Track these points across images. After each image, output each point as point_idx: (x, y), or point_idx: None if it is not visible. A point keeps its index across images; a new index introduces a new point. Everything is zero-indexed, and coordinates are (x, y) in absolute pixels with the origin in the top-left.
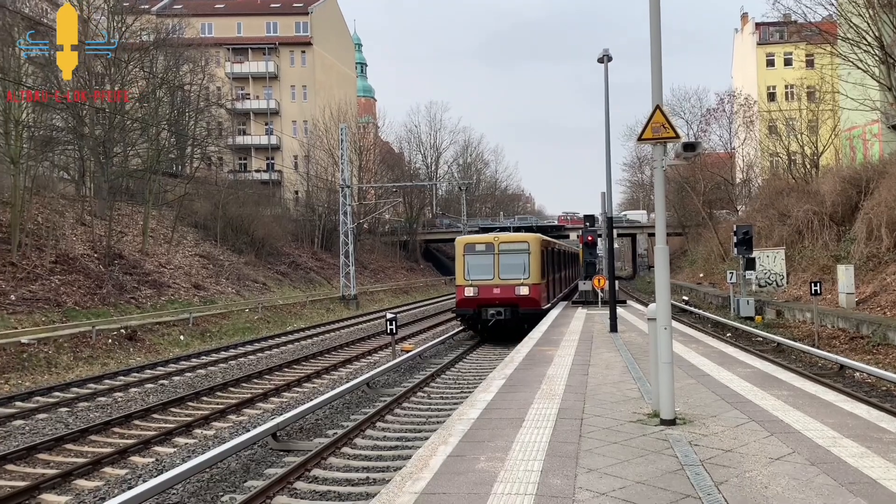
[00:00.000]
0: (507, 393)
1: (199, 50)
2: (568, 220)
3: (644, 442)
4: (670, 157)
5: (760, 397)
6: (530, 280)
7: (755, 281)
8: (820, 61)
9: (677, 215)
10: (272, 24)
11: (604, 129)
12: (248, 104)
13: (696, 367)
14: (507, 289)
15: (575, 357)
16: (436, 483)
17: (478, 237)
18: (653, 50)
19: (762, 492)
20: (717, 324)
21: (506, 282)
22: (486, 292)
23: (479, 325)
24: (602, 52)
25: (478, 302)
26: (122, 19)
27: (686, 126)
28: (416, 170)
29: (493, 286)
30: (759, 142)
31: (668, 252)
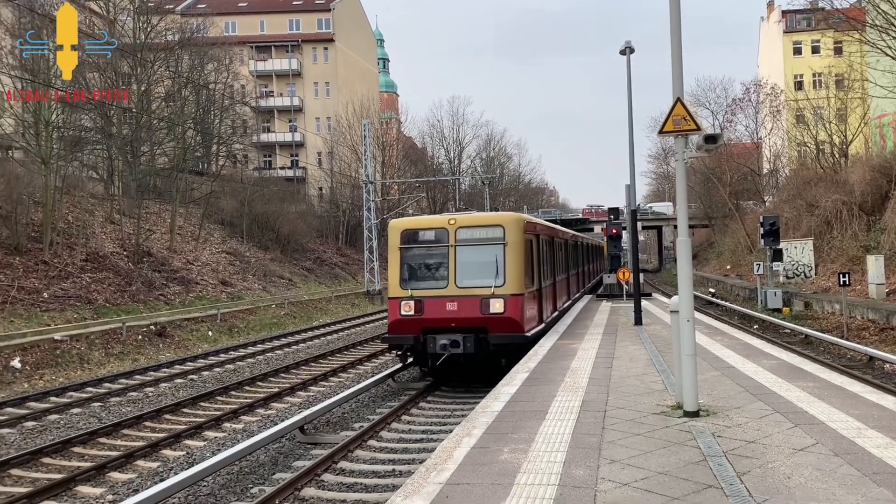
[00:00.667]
0: (530, 386)
1: (224, 48)
2: (592, 213)
3: (667, 433)
4: (692, 149)
5: (785, 389)
6: (507, 288)
7: (783, 272)
8: (848, 49)
9: (703, 207)
10: (295, 21)
11: (633, 120)
12: (271, 101)
13: (720, 359)
14: (468, 303)
15: (599, 350)
16: (460, 474)
17: (423, 220)
18: (673, 43)
19: (785, 482)
20: (743, 316)
21: (467, 292)
22: (434, 309)
23: (426, 360)
24: (624, 43)
25: (422, 325)
26: (147, 19)
27: (711, 116)
28: (438, 164)
29: (447, 299)
30: (786, 131)
31: (690, 244)
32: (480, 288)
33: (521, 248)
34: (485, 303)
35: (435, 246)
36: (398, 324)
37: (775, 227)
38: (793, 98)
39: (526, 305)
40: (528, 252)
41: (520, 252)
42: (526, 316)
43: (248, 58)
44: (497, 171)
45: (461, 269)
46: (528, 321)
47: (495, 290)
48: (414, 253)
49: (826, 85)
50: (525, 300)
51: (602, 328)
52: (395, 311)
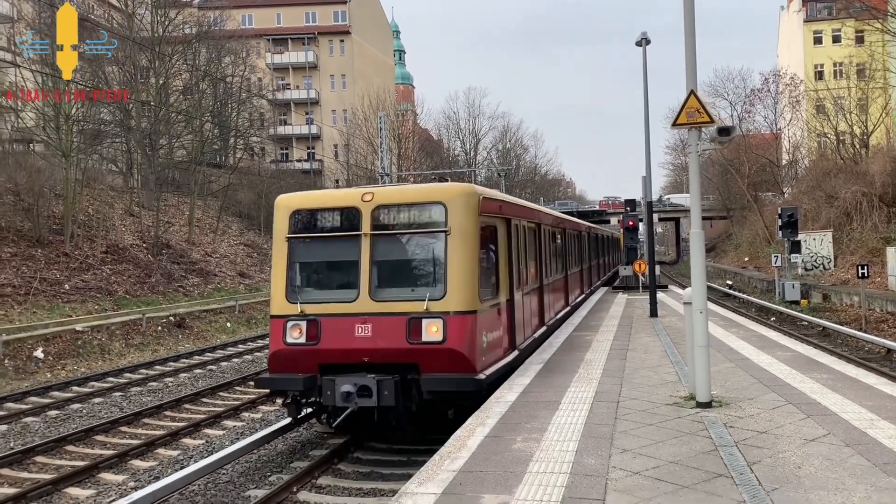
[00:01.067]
0: (544, 377)
1: (240, 41)
2: (609, 204)
3: (679, 424)
4: (706, 141)
5: (799, 380)
6: (450, 302)
7: (801, 264)
8: (869, 38)
9: (721, 198)
10: (311, 13)
11: (649, 111)
12: (288, 94)
13: (735, 350)
14: (389, 326)
15: (613, 342)
16: (473, 462)
17: (324, 195)
18: (687, 35)
19: (795, 472)
20: (761, 308)
21: (388, 307)
22: (337, 334)
23: (330, 412)
24: (640, 35)
25: (318, 359)
26: (165, 13)
27: (730, 107)
28: (454, 156)
29: (357, 319)
30: (805, 122)
31: (703, 236)
32: (408, 301)
33: (474, 239)
34: (413, 325)
35: (340, 236)
36: (282, 357)
37: (793, 218)
38: (813, 88)
39: (481, 328)
40: (487, 244)
41: (471, 244)
42: (480, 345)
43: (264, 51)
44: (513, 163)
45: (379, 272)
46: (484, 352)
47: (431, 304)
48: (308, 246)
49: (847, 75)
50: (480, 320)
51: (617, 320)
52: (277, 338)
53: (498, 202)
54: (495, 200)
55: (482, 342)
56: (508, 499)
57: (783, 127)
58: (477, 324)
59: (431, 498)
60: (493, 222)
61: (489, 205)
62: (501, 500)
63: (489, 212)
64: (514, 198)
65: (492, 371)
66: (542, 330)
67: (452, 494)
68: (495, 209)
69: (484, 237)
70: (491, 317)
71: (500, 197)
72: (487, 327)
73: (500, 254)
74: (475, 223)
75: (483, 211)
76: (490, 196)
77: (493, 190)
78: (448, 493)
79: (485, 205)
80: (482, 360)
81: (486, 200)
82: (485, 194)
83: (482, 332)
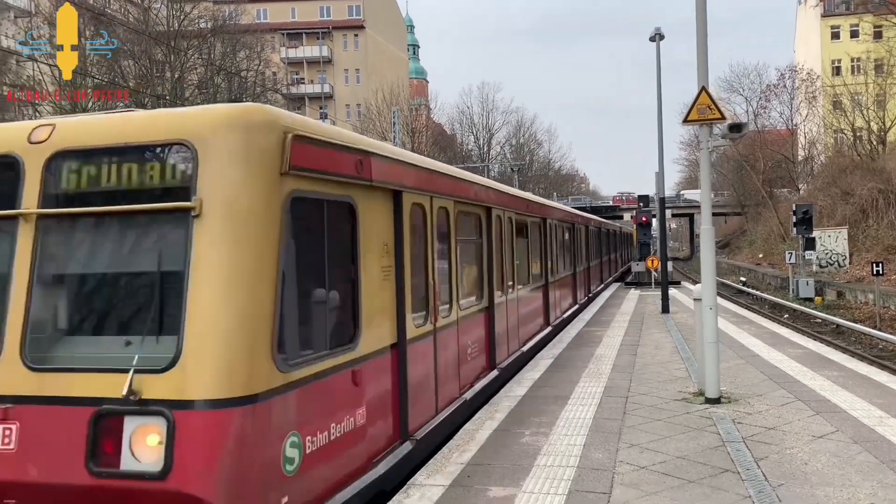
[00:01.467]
0: (554, 372)
1: (255, 36)
2: (623, 200)
3: (687, 419)
4: (717, 137)
5: (809, 377)
6: (195, 373)
7: (816, 261)
8: (887, 33)
9: (736, 194)
10: (325, 7)
11: (662, 107)
12: (302, 89)
13: (746, 347)
14: (55, 429)
15: (624, 338)
16: (481, 455)
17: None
18: (698, 31)
19: (801, 468)
20: (774, 305)
21: (56, 381)
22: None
23: None
24: (654, 30)
25: None
26: (180, 7)
27: (745, 103)
28: (468, 151)
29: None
30: (822, 118)
31: (713, 233)
32: (98, 373)
33: (265, 228)
34: (104, 429)
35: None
36: None
37: (808, 215)
38: (829, 84)
39: (291, 427)
40: (332, 240)
41: (255, 240)
42: (283, 470)
43: (279, 45)
44: (527, 158)
45: (43, 304)
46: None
47: (143, 381)
48: None
49: (864, 70)
50: (271, 413)
51: (628, 316)
52: None
53: (358, 155)
54: (345, 149)
55: (251, 474)
56: (515, 491)
57: (799, 123)
58: (265, 426)
59: (440, 490)
60: (354, 195)
61: (319, 155)
62: (509, 492)
63: (325, 169)
64: (431, 161)
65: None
66: (509, 357)
67: (460, 486)
68: (349, 167)
69: (311, 226)
70: (329, 396)
71: (367, 147)
72: (309, 423)
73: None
74: (269, 192)
75: (298, 165)
76: (325, 137)
77: (341, 130)
78: (456, 484)
79: (302, 153)
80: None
81: (306, 144)
82: (304, 130)
83: (261, 448)
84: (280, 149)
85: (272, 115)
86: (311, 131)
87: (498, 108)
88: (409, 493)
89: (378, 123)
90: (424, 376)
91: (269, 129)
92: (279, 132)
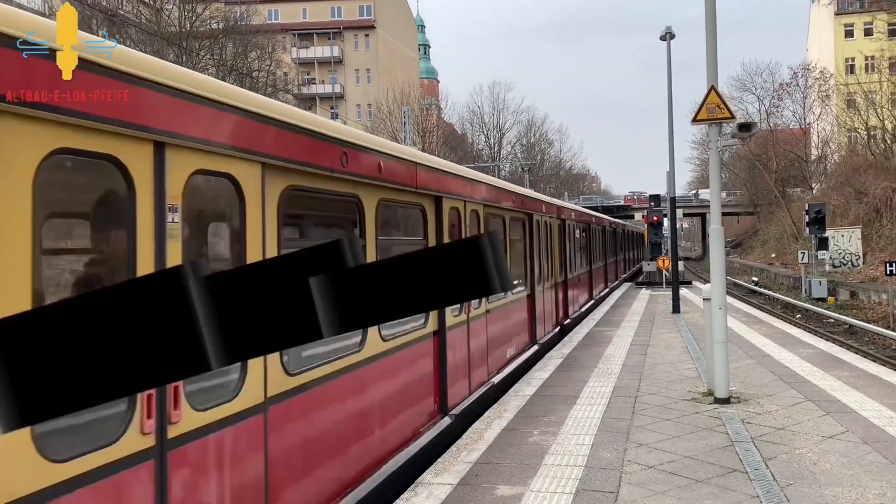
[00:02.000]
0: (563, 371)
1: (266, 36)
2: (634, 199)
3: (696, 419)
4: (727, 137)
5: (820, 378)
6: None
7: (829, 261)
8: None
9: (748, 194)
10: (336, 8)
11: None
12: (313, 89)
13: (756, 347)
14: None
15: (634, 337)
16: (490, 454)
17: None
18: (707, 31)
19: (810, 468)
20: (786, 305)
21: None
22: None
23: None
24: (665, 29)
25: None
26: (192, 8)
27: (757, 102)
28: (478, 151)
29: None
30: (835, 117)
31: (723, 233)
32: None
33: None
34: None
35: None
36: None
37: (821, 214)
38: (843, 82)
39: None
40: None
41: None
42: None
43: (290, 45)
44: (538, 158)
45: None
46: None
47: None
48: None
49: (878, 69)
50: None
51: (639, 316)
52: None
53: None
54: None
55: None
56: (523, 490)
57: (812, 122)
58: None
59: (447, 488)
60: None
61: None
62: (517, 490)
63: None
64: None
65: None
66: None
67: (468, 485)
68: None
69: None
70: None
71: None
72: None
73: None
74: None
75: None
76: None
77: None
78: (464, 483)
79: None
80: None
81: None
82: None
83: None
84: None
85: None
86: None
87: (509, 107)
88: (416, 492)
89: (389, 123)
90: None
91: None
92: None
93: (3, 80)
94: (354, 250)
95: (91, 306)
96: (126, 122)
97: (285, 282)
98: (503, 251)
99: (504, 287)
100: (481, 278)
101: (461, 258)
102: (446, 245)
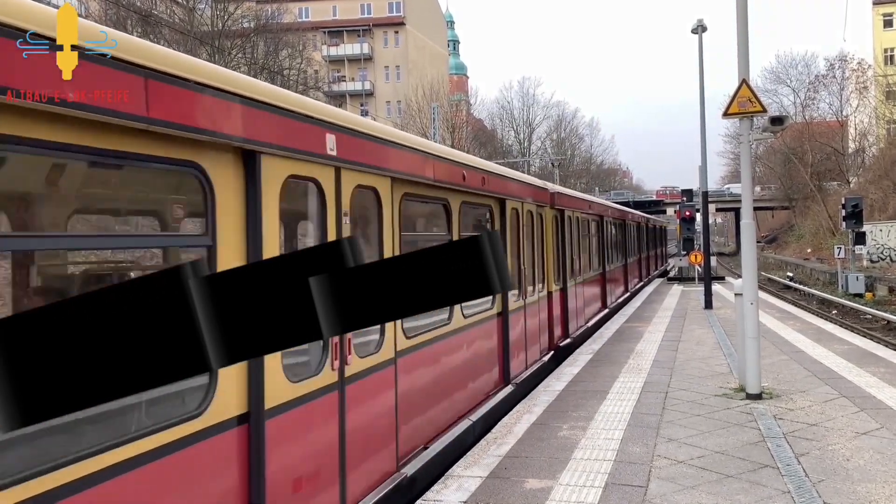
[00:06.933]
0: (593, 367)
1: (297, 34)
2: (667, 194)
3: (727, 415)
4: (758, 130)
5: (855, 374)
6: None
7: (866, 256)
8: None
9: (783, 188)
10: (366, 5)
11: (705, 100)
12: (343, 86)
13: (790, 343)
14: None
15: (665, 333)
16: (519, 447)
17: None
18: (739, 24)
19: (843, 464)
20: (822, 301)
21: None
22: None
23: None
24: (696, 22)
25: None
26: (224, 7)
27: (792, 94)
28: (508, 146)
29: None
30: (874, 108)
31: (754, 228)
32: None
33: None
34: None
35: None
36: None
37: (858, 208)
38: (882, 73)
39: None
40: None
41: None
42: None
43: (320, 43)
44: (568, 153)
45: None
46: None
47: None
48: None
49: None
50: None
51: (671, 312)
52: None
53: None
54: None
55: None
56: (552, 483)
57: (849, 114)
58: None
59: (477, 481)
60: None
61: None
62: (545, 484)
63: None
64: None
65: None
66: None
67: (497, 478)
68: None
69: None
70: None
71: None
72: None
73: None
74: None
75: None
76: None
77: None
78: (494, 476)
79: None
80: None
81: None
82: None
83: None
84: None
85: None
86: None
87: (538, 102)
88: (446, 484)
89: (418, 120)
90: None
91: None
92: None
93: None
94: (355, 250)
95: (91, 306)
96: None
97: (285, 282)
98: (503, 250)
99: (504, 286)
100: (482, 278)
101: (461, 258)
102: (446, 245)
